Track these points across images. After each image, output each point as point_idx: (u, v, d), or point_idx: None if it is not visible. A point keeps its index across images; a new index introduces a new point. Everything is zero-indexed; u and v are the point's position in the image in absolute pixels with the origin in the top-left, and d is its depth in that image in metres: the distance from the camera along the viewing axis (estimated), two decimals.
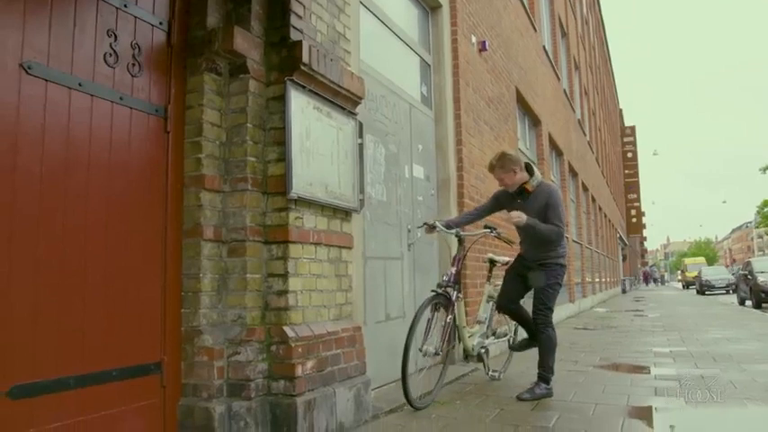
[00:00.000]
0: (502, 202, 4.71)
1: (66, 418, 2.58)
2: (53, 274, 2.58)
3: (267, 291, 3.32)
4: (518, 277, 4.58)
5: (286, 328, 3.25)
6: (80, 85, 2.74)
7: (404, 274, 5.22)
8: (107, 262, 2.83)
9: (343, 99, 3.88)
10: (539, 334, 4.41)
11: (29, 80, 2.54)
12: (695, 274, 36.16)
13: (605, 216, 25.66)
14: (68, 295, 2.64)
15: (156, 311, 3.09)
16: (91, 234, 2.76)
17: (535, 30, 11.69)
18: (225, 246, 3.29)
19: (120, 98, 2.93)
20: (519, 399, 4.23)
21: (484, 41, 7.54)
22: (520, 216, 4.23)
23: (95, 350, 2.74)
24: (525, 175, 4.47)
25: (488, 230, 4.70)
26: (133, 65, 3.03)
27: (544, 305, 4.38)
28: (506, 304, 4.64)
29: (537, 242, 4.44)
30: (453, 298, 4.31)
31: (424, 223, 4.68)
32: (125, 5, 3.01)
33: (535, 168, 4.55)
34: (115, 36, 2.95)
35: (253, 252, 3.28)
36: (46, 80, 2.60)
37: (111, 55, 2.92)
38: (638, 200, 48.83)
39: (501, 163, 4.45)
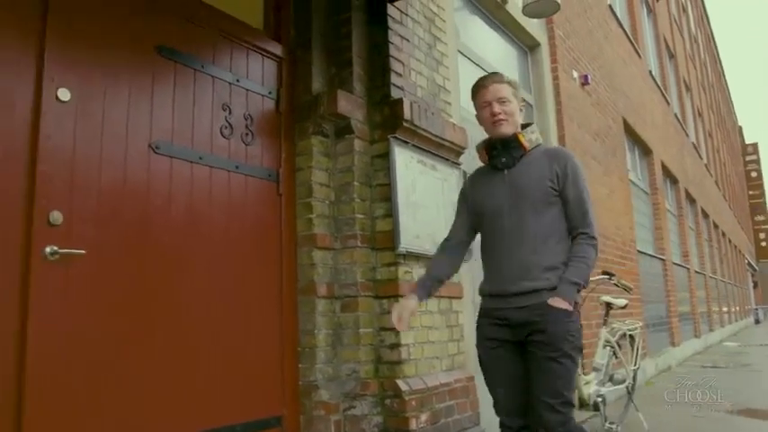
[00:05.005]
0: (477, 199, 2.64)
1: None
2: (182, 332, 2.76)
3: (380, 344, 3.38)
4: (506, 358, 2.51)
5: (399, 382, 3.28)
6: (200, 158, 2.96)
7: None
8: (230, 319, 2.99)
9: (446, 150, 3.94)
10: None
11: (156, 158, 2.77)
12: None
13: (730, 242, 24.17)
14: (195, 353, 2.81)
15: (275, 367, 3.22)
16: (214, 294, 2.94)
17: (639, 56, 11.36)
18: (338, 301, 3.39)
19: (236, 167, 3.13)
20: None
21: (586, 75, 7.42)
22: (554, 302, 2.38)
23: (221, 406, 2.89)
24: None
25: (606, 277, 4.55)
26: (246, 134, 3.23)
27: (559, 396, 2.35)
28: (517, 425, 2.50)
29: (527, 257, 2.44)
30: None
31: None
32: (237, 80, 3.23)
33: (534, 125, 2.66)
34: (229, 109, 3.16)
35: (364, 307, 3.35)
36: (171, 157, 2.82)
37: (226, 127, 3.13)
38: (766, 222, 45.67)
39: (507, 80, 2.59)
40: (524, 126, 2.60)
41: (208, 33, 3.14)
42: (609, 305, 4.97)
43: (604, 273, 4.63)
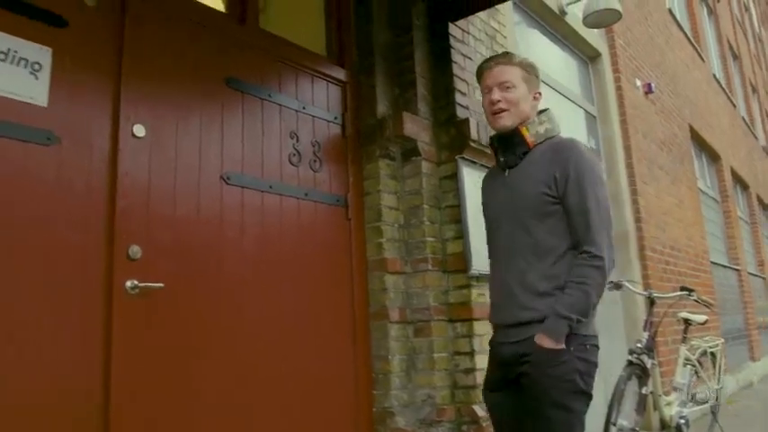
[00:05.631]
0: (484, 204, 2.31)
1: None
2: (255, 360, 2.76)
3: (455, 369, 3.31)
4: (507, 404, 2.12)
5: (476, 407, 3.20)
6: (270, 187, 2.97)
7: None
8: (303, 346, 2.98)
9: None
10: None
11: (228, 189, 2.79)
12: None
13: None
14: (269, 381, 2.80)
15: (349, 393, 3.18)
16: (287, 321, 2.94)
17: (702, 59, 11.01)
18: (410, 326, 3.34)
19: (306, 194, 3.13)
20: None
21: (649, 83, 7.22)
22: (539, 339, 1.95)
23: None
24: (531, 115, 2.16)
25: (686, 293, 4.37)
26: (314, 161, 3.23)
27: None
28: None
29: (518, 280, 2.06)
30: (648, 366, 4.02)
31: (611, 281, 4.45)
32: (303, 107, 3.24)
33: (552, 112, 2.20)
34: (297, 137, 3.17)
35: (438, 331, 3.29)
36: (242, 187, 2.84)
37: (294, 155, 3.13)
38: None
39: (518, 61, 2.16)
40: (539, 114, 2.17)
41: (273, 62, 3.16)
42: (687, 321, 4.77)
43: (683, 288, 4.45)
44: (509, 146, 2.13)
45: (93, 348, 2.27)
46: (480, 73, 2.21)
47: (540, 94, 2.17)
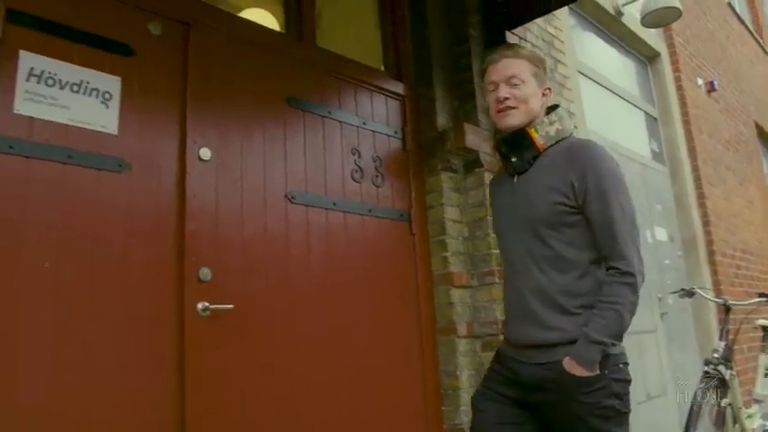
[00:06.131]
0: (494, 213, 2.20)
1: None
2: (324, 379, 2.75)
3: None
4: (506, 420, 1.91)
5: None
6: (334, 204, 2.96)
7: (659, 348, 4.82)
8: (370, 363, 2.95)
9: None
10: None
11: (293, 208, 2.80)
12: None
13: None
14: (338, 399, 2.78)
15: (418, 410, 3.14)
16: (354, 338, 2.91)
17: (766, 52, 10.62)
18: (478, 341, 3.28)
19: (369, 210, 3.11)
20: None
21: (712, 81, 6.99)
22: (569, 366, 1.77)
23: None
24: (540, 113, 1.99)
25: (764, 299, 4.17)
26: (376, 176, 3.21)
27: None
28: None
29: (535, 297, 1.87)
30: (727, 377, 3.85)
31: (682, 289, 4.28)
32: (364, 123, 3.23)
33: (562, 110, 2.03)
34: (358, 153, 3.16)
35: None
36: (306, 206, 2.85)
37: (357, 171, 3.12)
38: None
39: (526, 55, 1.99)
40: (549, 111, 1.97)
41: (332, 79, 3.17)
42: (766, 329, 4.56)
43: (761, 294, 4.25)
44: (516, 149, 1.94)
45: (167, 373, 2.29)
46: (485, 68, 2.02)
47: (549, 90, 1.99)
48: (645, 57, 6.23)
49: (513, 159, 1.95)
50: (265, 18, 3.20)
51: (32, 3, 2.21)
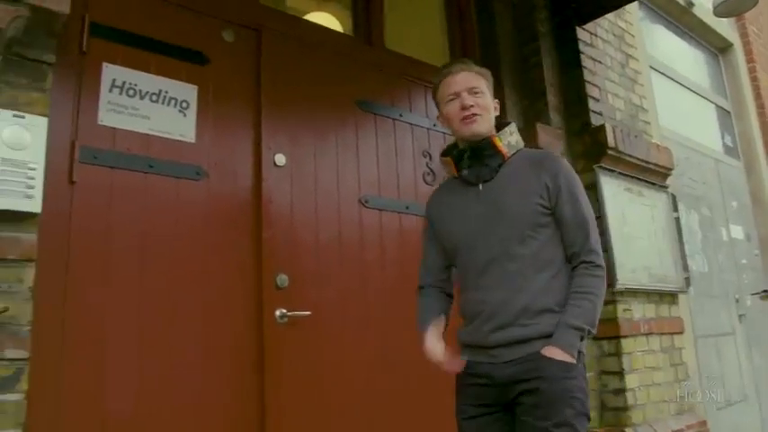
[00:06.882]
0: (445, 225, 2.07)
1: None
2: (406, 387, 2.72)
3: (602, 389, 3.14)
4: (494, 428, 1.90)
5: (628, 430, 3.02)
6: (407, 207, 2.93)
7: (739, 351, 4.63)
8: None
9: (651, 174, 3.65)
10: None
11: (367, 212, 2.78)
12: None
13: None
14: (417, 400, 2.75)
15: None
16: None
17: None
18: None
19: None
20: None
21: None
22: (549, 352, 1.78)
23: None
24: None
25: None
26: None
27: None
28: None
29: (513, 298, 1.86)
30: None
31: (764, 290, 4.10)
32: (434, 125, 3.19)
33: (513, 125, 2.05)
34: (429, 155, 3.12)
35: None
36: (380, 210, 2.82)
37: (428, 174, 3.09)
38: None
39: (479, 70, 2.01)
40: (500, 127, 1.99)
41: (402, 81, 3.14)
42: None
43: None
44: (480, 157, 1.95)
45: (247, 380, 2.30)
46: (440, 80, 2.02)
47: (498, 103, 2.04)
48: (716, 48, 5.99)
49: (477, 168, 1.96)
50: (330, 21, 3.20)
51: (113, 16, 2.25)
